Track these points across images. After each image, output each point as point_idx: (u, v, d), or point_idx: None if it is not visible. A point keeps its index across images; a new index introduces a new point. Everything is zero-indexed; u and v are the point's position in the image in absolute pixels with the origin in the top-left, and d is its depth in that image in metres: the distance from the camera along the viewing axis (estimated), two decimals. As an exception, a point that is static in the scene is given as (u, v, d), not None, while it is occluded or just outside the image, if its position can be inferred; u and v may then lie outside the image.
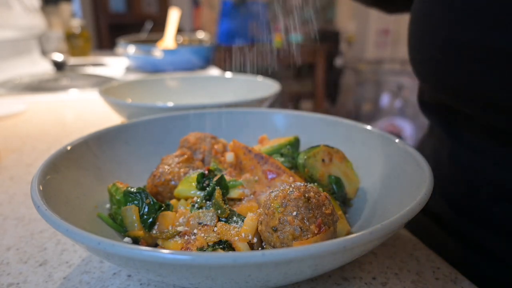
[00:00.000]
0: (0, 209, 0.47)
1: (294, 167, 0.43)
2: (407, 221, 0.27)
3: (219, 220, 0.34)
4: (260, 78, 0.84)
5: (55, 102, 1.02)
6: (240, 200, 0.37)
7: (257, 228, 0.32)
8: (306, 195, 0.30)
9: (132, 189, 0.37)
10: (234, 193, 0.38)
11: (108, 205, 0.39)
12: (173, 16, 1.47)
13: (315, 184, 0.39)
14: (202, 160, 0.45)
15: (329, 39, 3.58)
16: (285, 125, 0.53)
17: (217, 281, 0.25)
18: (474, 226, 0.45)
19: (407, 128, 2.82)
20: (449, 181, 0.48)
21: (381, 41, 3.72)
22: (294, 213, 0.29)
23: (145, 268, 0.25)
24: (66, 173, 0.37)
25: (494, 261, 0.44)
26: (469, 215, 0.46)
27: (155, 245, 0.35)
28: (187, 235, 0.33)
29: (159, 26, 1.94)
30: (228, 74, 0.92)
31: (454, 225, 0.48)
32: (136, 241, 0.35)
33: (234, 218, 0.34)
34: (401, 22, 3.55)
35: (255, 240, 0.32)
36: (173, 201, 0.38)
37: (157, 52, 1.32)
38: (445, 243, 0.48)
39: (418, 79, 0.50)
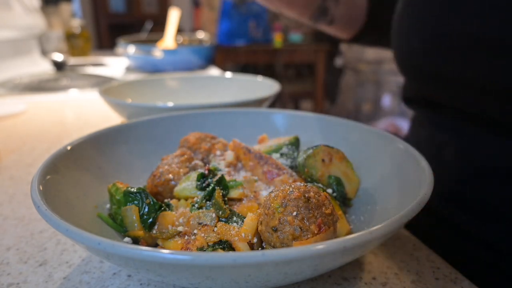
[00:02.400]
0: (0, 209, 0.47)
1: (294, 167, 0.43)
2: (407, 221, 0.27)
3: (219, 220, 0.34)
4: (260, 78, 0.84)
5: (55, 102, 1.02)
6: (240, 200, 0.37)
7: (257, 228, 0.32)
8: (306, 195, 0.30)
9: (132, 189, 0.37)
10: (234, 193, 0.37)
11: (108, 205, 0.39)
12: (173, 16, 1.47)
13: (315, 184, 0.39)
14: (202, 160, 0.45)
15: (329, 39, 3.58)
16: (285, 125, 0.53)
17: (217, 281, 0.25)
18: (446, 203, 0.50)
19: (407, 128, 2.82)
20: (427, 159, 0.53)
21: (381, 41, 3.72)
22: (294, 213, 0.29)
23: (145, 268, 0.25)
24: (66, 173, 0.37)
25: (464, 237, 0.48)
26: (444, 193, 0.50)
27: (155, 245, 0.35)
28: (187, 235, 0.33)
29: (159, 26, 1.94)
30: (228, 74, 0.92)
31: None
32: (136, 241, 0.35)
33: (234, 218, 0.34)
34: (401, 22, 3.54)
35: (255, 240, 0.32)
36: (173, 201, 0.38)
37: (157, 52, 1.32)
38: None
39: (403, 74, 0.56)
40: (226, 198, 0.37)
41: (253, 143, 0.48)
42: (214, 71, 1.41)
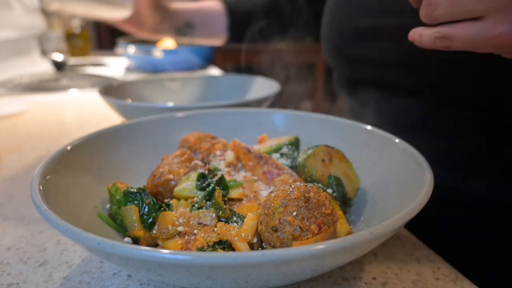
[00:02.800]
0: (0, 209, 0.47)
1: (294, 167, 0.43)
2: (407, 221, 0.27)
3: (219, 220, 0.34)
4: (260, 78, 0.84)
5: (55, 102, 1.02)
6: (240, 200, 0.37)
7: (257, 228, 0.32)
8: (306, 195, 0.30)
9: (132, 189, 0.37)
10: (234, 193, 0.37)
11: (108, 205, 0.39)
12: (173, 16, 1.47)
13: (315, 184, 0.39)
14: (202, 160, 0.45)
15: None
16: (285, 125, 0.53)
17: (217, 281, 0.25)
18: None
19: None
20: None
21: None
22: (294, 213, 0.29)
23: (145, 268, 0.25)
24: (66, 173, 0.37)
25: None
26: None
27: (155, 245, 0.35)
28: (187, 235, 0.33)
29: (159, 26, 1.93)
30: (228, 74, 0.92)
31: None
32: (136, 241, 0.35)
33: (234, 218, 0.34)
34: (401, 22, 3.53)
35: (255, 240, 0.32)
36: (173, 201, 0.38)
37: (157, 52, 1.32)
38: None
39: (332, 62, 0.68)
40: (226, 198, 0.37)
41: (253, 143, 0.48)
42: (214, 71, 1.41)
